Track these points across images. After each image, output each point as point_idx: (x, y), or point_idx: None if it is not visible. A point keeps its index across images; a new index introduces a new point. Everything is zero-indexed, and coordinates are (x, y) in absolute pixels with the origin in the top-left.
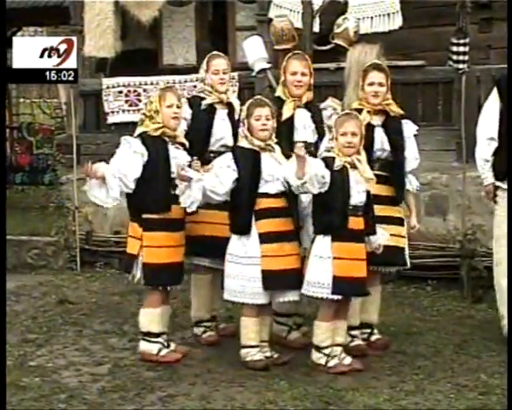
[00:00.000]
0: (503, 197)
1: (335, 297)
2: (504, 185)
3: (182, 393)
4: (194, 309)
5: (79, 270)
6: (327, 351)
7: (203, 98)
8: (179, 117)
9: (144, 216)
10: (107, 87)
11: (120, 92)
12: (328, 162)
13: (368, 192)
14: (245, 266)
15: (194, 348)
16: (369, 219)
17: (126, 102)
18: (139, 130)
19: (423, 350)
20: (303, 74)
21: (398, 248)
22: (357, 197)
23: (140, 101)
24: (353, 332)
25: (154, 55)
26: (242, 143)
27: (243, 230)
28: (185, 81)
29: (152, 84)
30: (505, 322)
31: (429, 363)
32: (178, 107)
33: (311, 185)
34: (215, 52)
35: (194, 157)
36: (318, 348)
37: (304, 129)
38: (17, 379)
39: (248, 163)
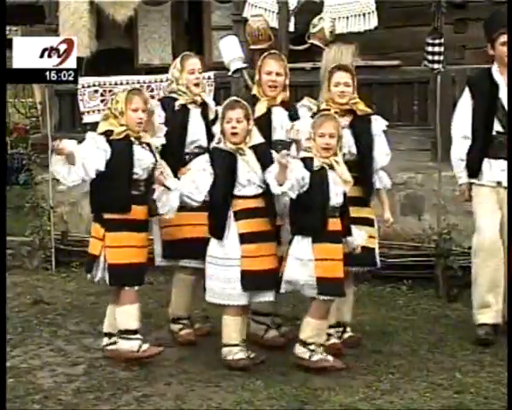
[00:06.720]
0: (477, 194)
1: (321, 297)
2: (478, 181)
3: (157, 393)
4: (173, 307)
5: (54, 270)
6: (312, 347)
7: (176, 99)
8: (143, 122)
9: (106, 216)
10: (83, 86)
11: (96, 92)
12: (307, 163)
13: (344, 194)
14: (225, 268)
15: (170, 348)
16: (345, 220)
17: (102, 101)
18: (103, 126)
19: (399, 349)
20: (278, 74)
21: (369, 248)
22: (335, 199)
23: None
24: (329, 331)
25: (129, 55)
26: (220, 144)
27: (217, 233)
28: (161, 81)
29: (128, 83)
30: (474, 312)
31: (405, 362)
32: (144, 111)
33: (291, 192)
34: (188, 52)
35: (160, 160)
36: (304, 343)
37: (281, 128)
38: None
39: (224, 165)
